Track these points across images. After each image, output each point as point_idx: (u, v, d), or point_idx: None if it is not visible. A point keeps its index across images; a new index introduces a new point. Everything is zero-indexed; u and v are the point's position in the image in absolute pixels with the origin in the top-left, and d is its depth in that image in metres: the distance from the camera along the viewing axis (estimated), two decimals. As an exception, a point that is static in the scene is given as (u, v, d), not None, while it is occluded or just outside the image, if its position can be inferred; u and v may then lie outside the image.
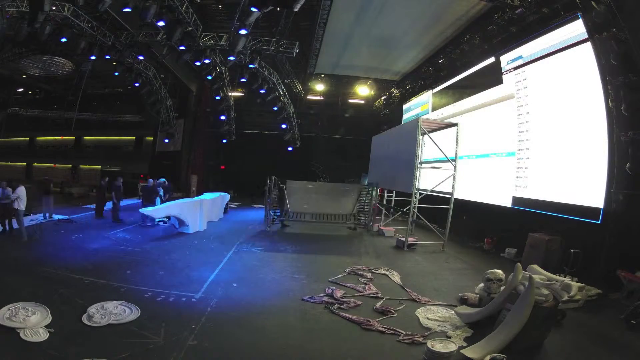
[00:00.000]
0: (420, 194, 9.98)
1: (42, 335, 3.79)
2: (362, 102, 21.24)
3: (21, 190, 8.13)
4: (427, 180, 10.43)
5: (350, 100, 21.51)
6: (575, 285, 5.55)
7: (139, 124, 24.74)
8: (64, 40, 11.83)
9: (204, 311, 4.74)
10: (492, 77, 10.04)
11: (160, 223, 10.64)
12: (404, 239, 9.37)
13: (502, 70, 9.62)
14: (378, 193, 12.55)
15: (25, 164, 26.03)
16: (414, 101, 15.89)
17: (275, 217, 11.54)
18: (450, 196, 9.32)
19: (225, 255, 7.71)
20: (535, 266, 6.07)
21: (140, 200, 11.89)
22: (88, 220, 10.81)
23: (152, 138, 22.61)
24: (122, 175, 12.52)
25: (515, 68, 9.11)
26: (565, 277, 5.96)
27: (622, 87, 6.37)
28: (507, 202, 9.04)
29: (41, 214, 10.53)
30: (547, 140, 8.14)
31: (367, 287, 5.98)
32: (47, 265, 6.19)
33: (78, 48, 12.33)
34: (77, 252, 7.17)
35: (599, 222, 6.65)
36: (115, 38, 13.27)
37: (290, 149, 20.09)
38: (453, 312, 5.04)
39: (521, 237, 8.03)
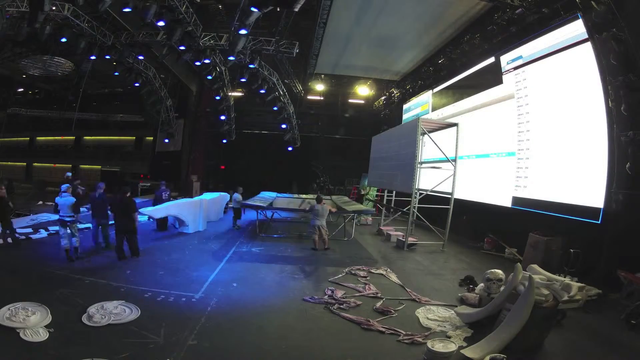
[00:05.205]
0: (420, 194, 9.97)
1: (42, 335, 3.78)
2: (362, 102, 21.23)
3: None
4: (427, 180, 10.42)
5: (350, 100, 21.48)
6: (575, 285, 5.55)
7: (139, 124, 24.74)
8: (64, 40, 11.83)
9: (204, 311, 4.74)
10: (492, 77, 10.04)
11: None
12: (404, 239, 9.38)
13: (502, 70, 9.61)
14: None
15: (25, 164, 26.02)
16: (414, 101, 15.88)
17: None
18: (450, 196, 9.32)
19: (225, 255, 7.71)
20: (535, 266, 6.07)
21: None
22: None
23: (152, 138, 22.63)
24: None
25: (515, 68, 9.10)
26: (565, 277, 5.96)
27: (622, 87, 6.36)
28: (507, 202, 9.03)
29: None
30: (547, 140, 8.13)
31: (367, 287, 5.98)
32: (47, 265, 6.19)
33: (78, 48, 12.32)
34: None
35: (599, 222, 6.64)
36: (115, 38, 13.26)
37: (290, 149, 20.08)
38: (453, 312, 5.04)
39: (521, 237, 8.02)
